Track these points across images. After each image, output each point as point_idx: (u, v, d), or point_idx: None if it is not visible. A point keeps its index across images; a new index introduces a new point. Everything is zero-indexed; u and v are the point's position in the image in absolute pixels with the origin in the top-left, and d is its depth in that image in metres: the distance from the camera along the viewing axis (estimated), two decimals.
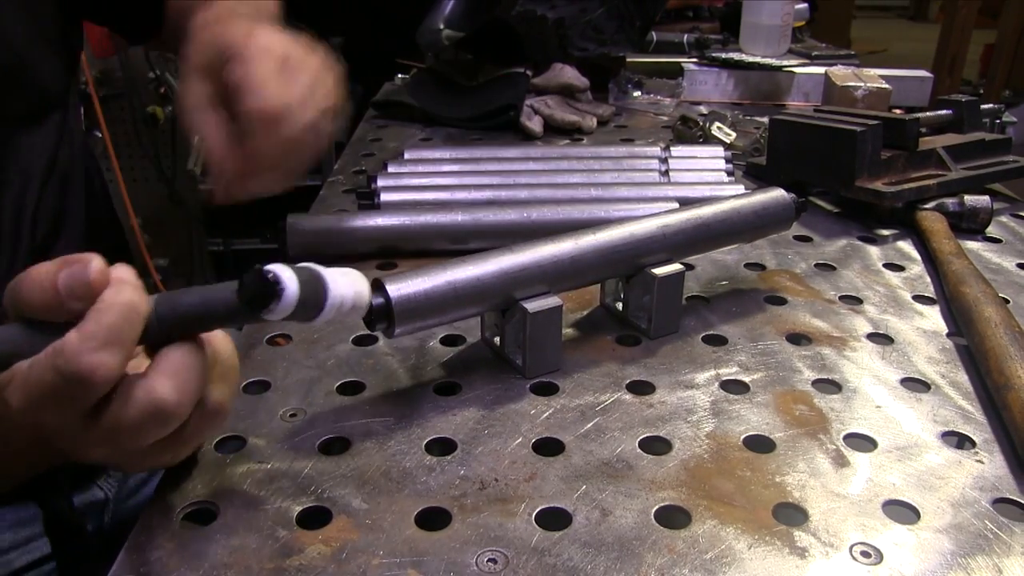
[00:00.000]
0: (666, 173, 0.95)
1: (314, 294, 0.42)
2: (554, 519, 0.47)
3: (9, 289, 0.40)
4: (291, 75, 0.60)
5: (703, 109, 1.30)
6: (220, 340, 0.45)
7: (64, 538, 0.73)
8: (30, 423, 0.40)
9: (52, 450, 0.43)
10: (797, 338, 0.66)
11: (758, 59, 1.42)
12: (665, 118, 1.28)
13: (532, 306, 0.59)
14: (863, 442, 0.54)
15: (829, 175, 0.89)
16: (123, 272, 0.40)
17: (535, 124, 1.15)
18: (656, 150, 1.00)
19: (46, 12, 0.71)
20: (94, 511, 0.78)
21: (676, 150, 0.99)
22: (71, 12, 0.76)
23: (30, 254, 0.70)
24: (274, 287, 0.39)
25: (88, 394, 0.39)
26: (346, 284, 0.44)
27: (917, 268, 0.79)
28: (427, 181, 0.92)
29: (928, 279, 0.76)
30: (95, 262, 0.39)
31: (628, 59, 1.42)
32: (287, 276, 0.40)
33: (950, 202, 0.86)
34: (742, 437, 0.54)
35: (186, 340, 0.41)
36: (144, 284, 0.41)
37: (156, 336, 0.41)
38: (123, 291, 0.39)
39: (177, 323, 0.41)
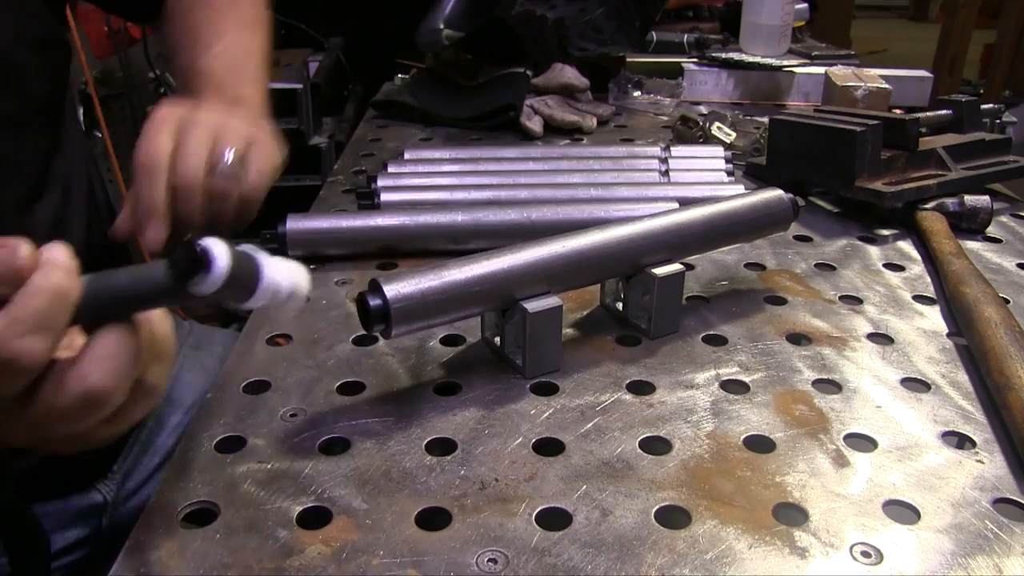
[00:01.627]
0: (666, 173, 0.95)
1: (247, 274, 0.41)
2: (554, 519, 0.47)
3: None
4: (186, 129, 0.61)
5: (703, 109, 1.30)
6: (157, 319, 0.44)
7: (16, 537, 0.71)
8: None
9: None
10: (797, 338, 0.66)
11: (758, 59, 1.42)
12: (665, 118, 1.28)
13: (532, 306, 0.59)
14: (863, 442, 0.54)
15: (829, 175, 0.89)
16: (56, 253, 0.39)
17: (535, 124, 1.15)
18: (656, 150, 1.00)
19: (31, 12, 0.70)
20: (92, 514, 0.78)
21: (676, 150, 0.99)
22: (59, 5, 0.75)
23: None
24: (202, 259, 0.39)
25: (15, 379, 0.38)
26: (284, 272, 0.43)
27: (917, 268, 0.79)
28: (427, 181, 0.92)
29: (928, 279, 0.76)
30: (24, 247, 0.38)
31: (628, 59, 1.42)
32: (219, 251, 0.39)
33: (950, 202, 0.86)
34: (742, 437, 0.54)
35: (120, 322, 0.41)
36: None
37: (89, 317, 0.40)
38: (52, 275, 0.38)
39: (109, 304, 0.40)
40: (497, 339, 0.63)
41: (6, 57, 0.67)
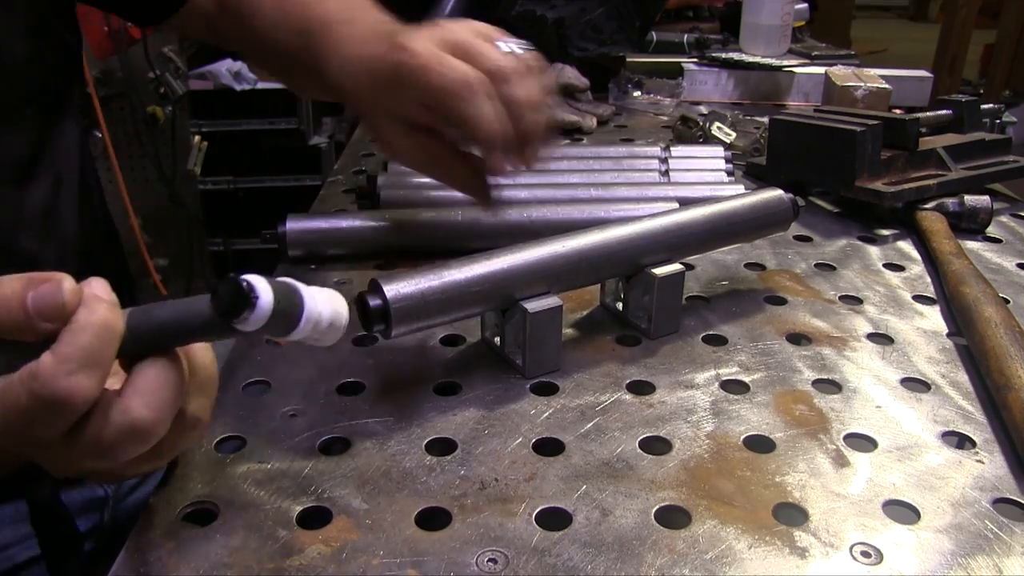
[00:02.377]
0: (666, 173, 0.95)
1: (289, 306, 0.41)
2: (554, 519, 0.47)
3: None
4: (464, 54, 0.61)
5: (703, 109, 1.30)
6: (198, 352, 0.44)
7: (52, 535, 0.72)
8: (4, 443, 0.40)
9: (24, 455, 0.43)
10: (797, 338, 0.66)
11: (758, 59, 1.42)
12: (665, 118, 1.28)
13: (532, 306, 0.59)
14: (863, 442, 0.54)
15: (829, 175, 0.89)
16: (97, 288, 0.39)
17: None
18: (656, 150, 1.00)
19: (26, 6, 0.69)
20: (94, 508, 0.78)
21: (676, 150, 0.99)
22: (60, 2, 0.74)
23: (16, 259, 0.69)
24: (248, 296, 0.38)
25: (66, 417, 0.38)
26: (324, 301, 0.43)
27: (917, 268, 0.79)
28: (427, 181, 0.92)
29: (928, 279, 0.76)
30: (67, 282, 0.38)
31: (628, 59, 1.42)
32: (261, 286, 0.39)
33: (950, 202, 0.86)
34: (742, 437, 0.54)
35: (162, 355, 0.41)
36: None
37: (131, 350, 0.40)
38: (97, 310, 0.38)
39: (152, 338, 0.41)
40: (497, 339, 0.63)
41: None
